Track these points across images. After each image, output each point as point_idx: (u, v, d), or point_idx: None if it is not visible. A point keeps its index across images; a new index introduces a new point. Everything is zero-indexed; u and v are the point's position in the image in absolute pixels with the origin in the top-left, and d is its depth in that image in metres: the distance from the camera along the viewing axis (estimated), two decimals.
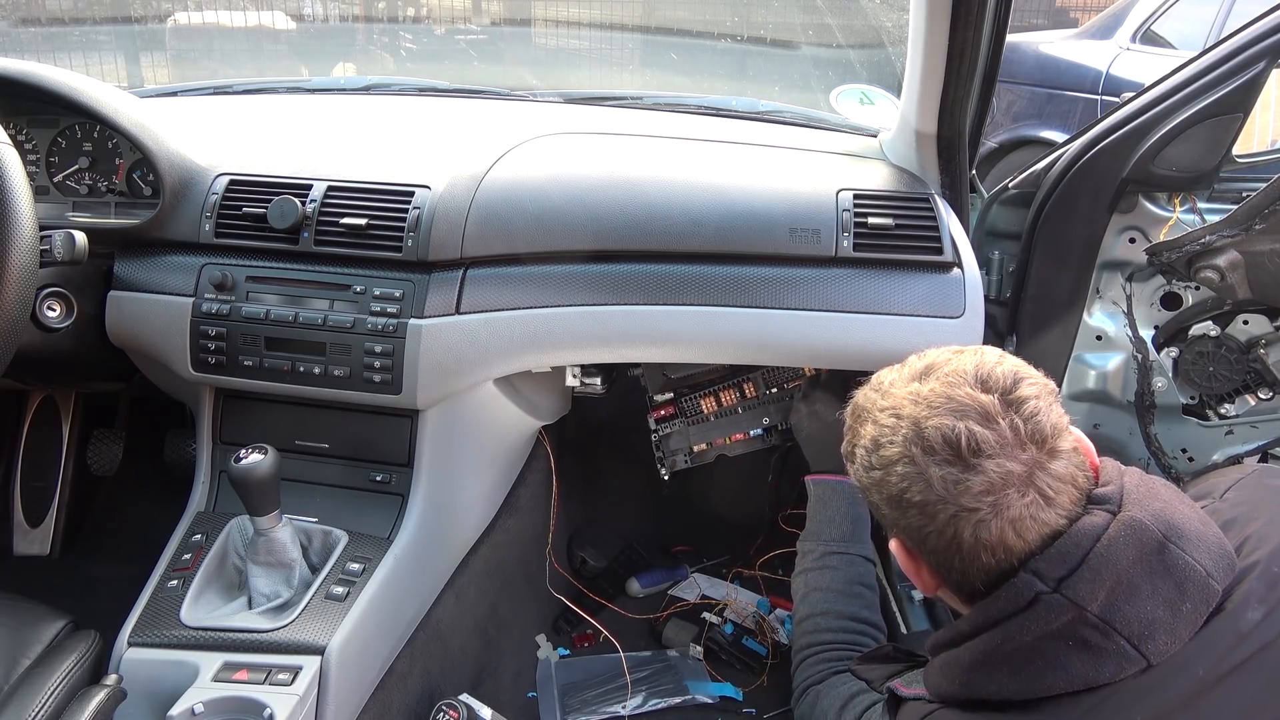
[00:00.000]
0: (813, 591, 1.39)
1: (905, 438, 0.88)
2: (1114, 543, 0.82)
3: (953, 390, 0.88)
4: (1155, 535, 0.82)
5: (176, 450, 1.97)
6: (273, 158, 1.54)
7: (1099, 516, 0.84)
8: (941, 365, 0.92)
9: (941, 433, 0.85)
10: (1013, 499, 0.83)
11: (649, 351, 1.46)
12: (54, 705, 1.09)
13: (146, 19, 4.19)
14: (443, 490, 1.52)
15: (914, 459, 0.87)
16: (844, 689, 1.19)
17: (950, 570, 0.89)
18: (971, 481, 0.84)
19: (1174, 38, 4.19)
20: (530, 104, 1.93)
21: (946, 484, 0.85)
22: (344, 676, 1.26)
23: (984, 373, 0.89)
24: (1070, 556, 0.82)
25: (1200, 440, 1.72)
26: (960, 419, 0.85)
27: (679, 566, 2.07)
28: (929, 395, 0.89)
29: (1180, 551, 0.82)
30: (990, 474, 0.83)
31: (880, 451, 0.91)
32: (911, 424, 0.88)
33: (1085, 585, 0.81)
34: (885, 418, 0.92)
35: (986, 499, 0.83)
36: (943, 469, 0.85)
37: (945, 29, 1.23)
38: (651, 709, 1.68)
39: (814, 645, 1.34)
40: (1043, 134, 4.27)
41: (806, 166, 1.57)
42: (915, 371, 0.94)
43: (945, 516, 0.85)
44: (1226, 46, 1.51)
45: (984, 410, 0.86)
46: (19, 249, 1.12)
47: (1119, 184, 1.61)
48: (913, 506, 0.87)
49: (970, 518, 0.84)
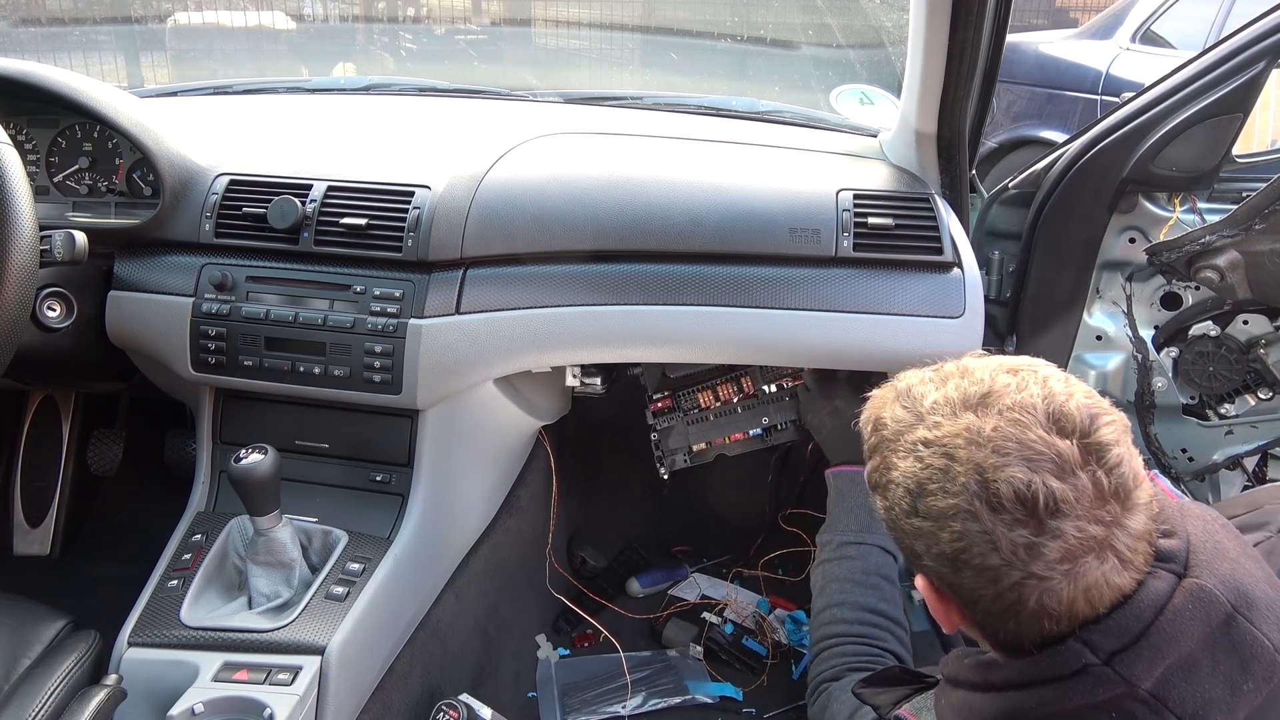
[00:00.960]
0: (830, 583, 1.36)
1: (965, 488, 0.75)
2: (1179, 616, 0.72)
3: (1024, 433, 0.74)
4: (1224, 607, 0.73)
5: (176, 450, 1.96)
6: (273, 158, 1.54)
7: (1163, 580, 0.74)
8: (1001, 394, 0.78)
9: (1014, 487, 0.72)
10: (1090, 565, 0.73)
11: (649, 351, 1.46)
12: (54, 705, 1.09)
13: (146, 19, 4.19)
14: (443, 490, 1.52)
15: (977, 515, 0.74)
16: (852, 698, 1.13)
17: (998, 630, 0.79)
18: (1047, 548, 0.72)
19: (1174, 38, 4.19)
20: (530, 104, 1.93)
21: (1017, 549, 0.73)
22: (344, 676, 1.26)
23: (1056, 408, 0.76)
24: (1128, 630, 0.73)
25: (1200, 440, 1.72)
26: (1035, 471, 0.73)
27: (679, 566, 2.07)
28: (993, 436, 0.75)
29: (1249, 625, 0.73)
30: (1069, 540, 0.72)
31: (929, 500, 0.77)
32: (974, 473, 0.75)
33: (1142, 663, 0.72)
34: (933, 457, 0.78)
35: (1061, 567, 0.72)
36: (1013, 531, 0.73)
37: (945, 29, 1.23)
38: (651, 709, 1.68)
39: (830, 638, 1.30)
40: (1043, 134, 4.27)
41: (806, 166, 1.57)
42: (968, 398, 0.79)
43: (1009, 583, 0.74)
44: (1226, 46, 1.51)
45: (1062, 459, 0.73)
46: (19, 249, 1.12)
47: (1119, 184, 1.61)
48: (970, 569, 0.75)
49: (1038, 585, 0.73)
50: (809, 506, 2.04)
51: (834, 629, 1.31)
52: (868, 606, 1.32)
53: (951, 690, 0.88)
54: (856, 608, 1.31)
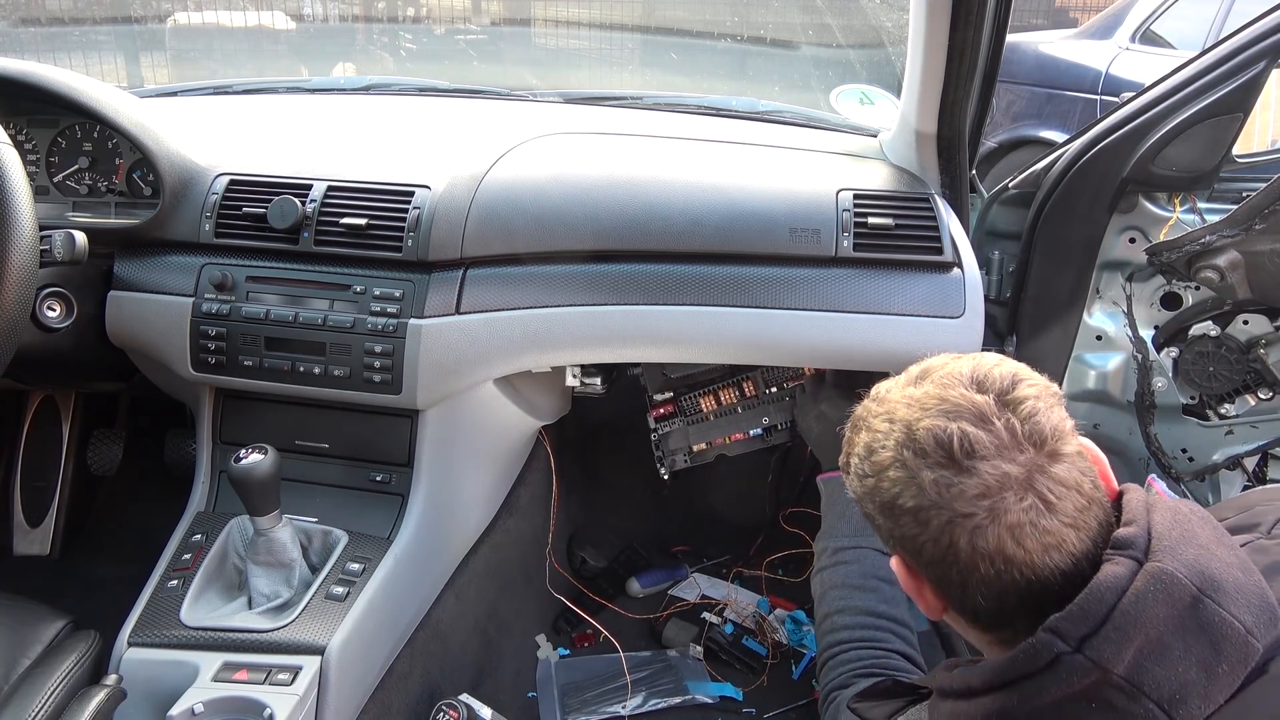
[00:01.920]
0: (829, 590, 1.36)
1: (897, 441, 0.84)
2: (1141, 598, 0.74)
3: (946, 391, 0.84)
4: (1188, 590, 0.75)
5: (176, 450, 1.97)
6: (273, 158, 1.54)
7: (1121, 565, 0.77)
8: (938, 369, 0.88)
9: (933, 434, 0.81)
10: (1010, 503, 0.78)
11: (649, 351, 1.46)
12: (54, 705, 1.09)
13: (146, 19, 4.19)
14: (443, 490, 1.52)
15: (905, 463, 0.83)
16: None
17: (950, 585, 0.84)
18: (965, 485, 0.79)
19: (1174, 38, 4.19)
20: (530, 104, 1.93)
21: (939, 487, 0.80)
22: (344, 676, 1.26)
23: (980, 374, 0.85)
24: (1092, 613, 0.75)
25: (1200, 440, 1.72)
26: (953, 420, 0.81)
27: (679, 566, 2.07)
28: (922, 397, 0.85)
29: (1217, 607, 0.74)
30: (985, 476, 0.79)
31: (872, 457, 0.87)
32: (904, 427, 0.84)
33: (1110, 646, 0.74)
34: (879, 423, 0.88)
35: (982, 503, 0.78)
36: (935, 472, 0.81)
37: (945, 29, 1.23)
38: (651, 709, 1.68)
39: (834, 645, 1.31)
40: (1043, 134, 4.27)
41: (806, 166, 1.57)
42: (911, 376, 0.91)
43: (939, 523, 0.80)
44: (1226, 46, 1.51)
45: (978, 411, 0.81)
46: (19, 249, 1.12)
47: (1119, 184, 1.61)
48: (905, 513, 0.83)
49: (965, 524, 0.79)
50: (809, 506, 2.04)
51: (837, 636, 1.32)
52: (867, 610, 1.32)
53: (942, 702, 0.89)
54: (856, 612, 1.32)
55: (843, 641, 1.30)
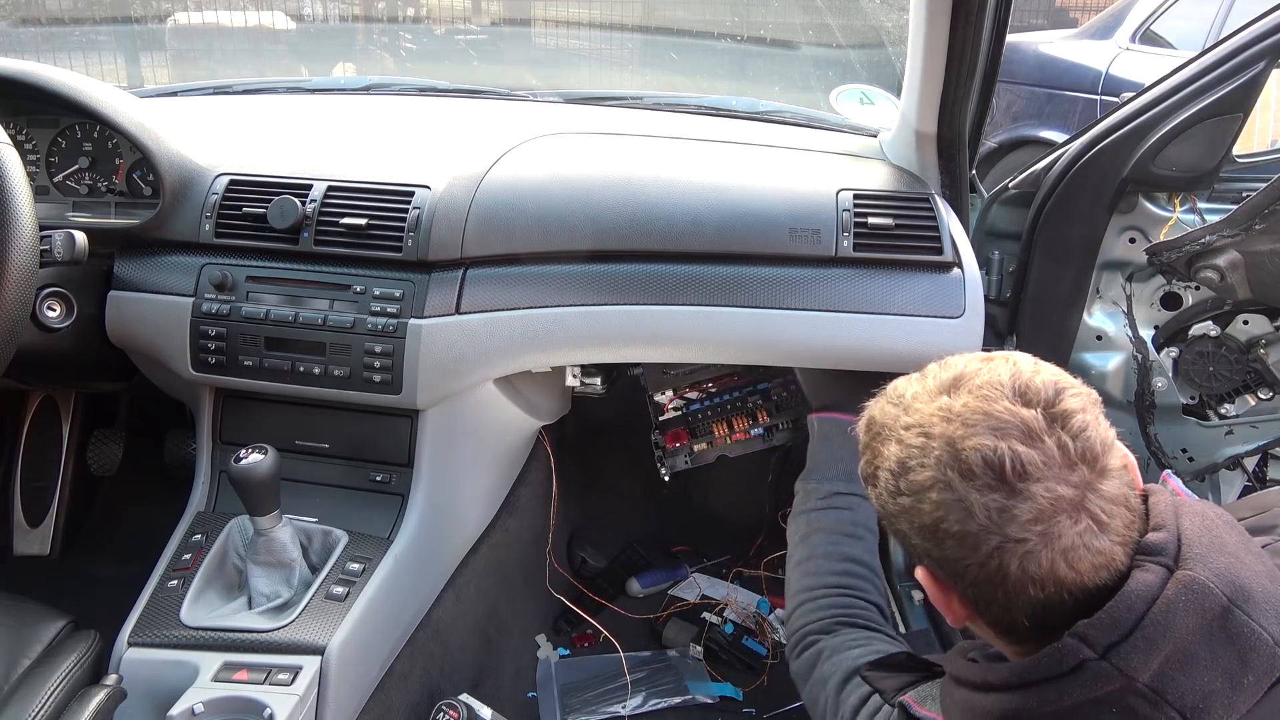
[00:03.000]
0: (815, 532, 1.31)
1: (939, 460, 0.79)
2: (1172, 608, 0.73)
3: (989, 405, 0.78)
4: (1219, 600, 0.73)
5: (176, 450, 1.97)
6: (273, 158, 1.54)
7: (1152, 573, 0.75)
8: (972, 375, 0.83)
9: (982, 454, 0.76)
10: (1064, 527, 0.74)
11: (649, 351, 1.46)
12: (54, 705, 1.09)
13: (146, 19, 4.18)
14: (443, 490, 1.52)
15: (950, 484, 0.77)
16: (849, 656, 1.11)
17: (990, 605, 0.80)
18: (1019, 509, 0.74)
19: (1174, 38, 4.19)
20: (530, 104, 1.93)
21: (990, 512, 0.75)
22: (344, 676, 1.26)
23: (1021, 383, 0.80)
24: (1122, 622, 0.73)
25: (1200, 440, 1.72)
26: (1001, 438, 0.76)
27: (679, 566, 2.07)
28: (963, 411, 0.79)
29: (1246, 618, 0.73)
30: (1039, 500, 0.74)
31: (909, 476, 0.81)
32: (945, 444, 0.79)
33: (1137, 655, 0.72)
34: (912, 437, 0.82)
35: (1035, 528, 0.74)
36: (985, 495, 0.76)
37: (945, 29, 1.23)
38: (651, 709, 1.68)
39: (815, 589, 1.26)
40: (1043, 134, 4.27)
41: (806, 166, 1.57)
42: (942, 383, 0.84)
43: (988, 549, 0.76)
44: (1226, 46, 1.51)
45: (1027, 427, 0.77)
46: (19, 249, 1.12)
47: (1119, 184, 1.61)
48: (950, 537, 0.78)
49: (1017, 549, 0.75)
50: None
51: (821, 580, 1.26)
52: (853, 557, 1.28)
53: (955, 688, 0.88)
54: (843, 559, 1.27)
55: (826, 586, 1.26)
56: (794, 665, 1.21)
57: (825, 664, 1.13)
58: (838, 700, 1.06)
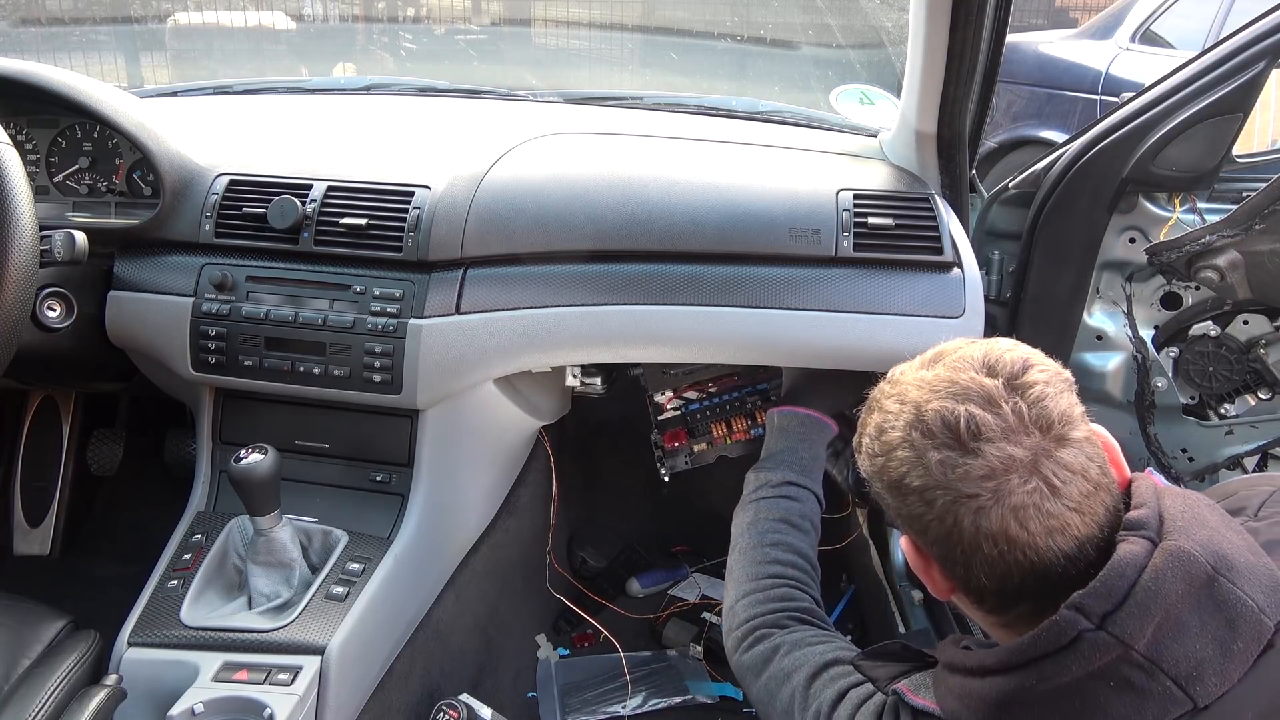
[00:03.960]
0: (763, 519, 1.31)
1: (906, 422, 0.86)
2: (1160, 575, 0.76)
3: (957, 374, 0.85)
4: (1204, 568, 0.76)
5: (176, 450, 1.97)
6: (273, 158, 1.54)
7: (1137, 545, 0.78)
8: (950, 352, 0.90)
9: (941, 415, 0.83)
10: (1014, 485, 0.79)
11: (649, 351, 1.46)
12: (54, 705, 1.09)
13: (146, 19, 4.18)
14: (443, 490, 1.52)
15: (913, 443, 0.84)
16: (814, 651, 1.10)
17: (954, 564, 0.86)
18: (970, 465, 0.81)
19: (1173, 38, 4.19)
20: (530, 104, 1.93)
21: (944, 468, 0.82)
22: (344, 676, 1.26)
23: (992, 359, 0.86)
24: (1115, 590, 0.76)
25: (1200, 440, 1.72)
26: (961, 402, 0.83)
27: (679, 566, 2.08)
28: (933, 380, 0.87)
29: (1231, 585, 0.76)
30: (990, 459, 0.80)
31: (882, 437, 0.88)
32: (914, 408, 0.86)
33: (1132, 621, 0.75)
34: (890, 404, 0.89)
35: (986, 484, 0.80)
36: (941, 453, 0.82)
37: (945, 29, 1.23)
38: (651, 709, 1.68)
39: (763, 579, 1.24)
40: (1043, 134, 4.27)
41: (806, 166, 1.57)
42: (925, 360, 0.92)
43: (944, 503, 0.82)
44: (1226, 46, 1.51)
45: (986, 394, 0.83)
46: (19, 249, 1.12)
47: (1119, 184, 1.61)
48: (912, 492, 0.85)
49: (970, 504, 0.81)
50: None
51: (771, 569, 1.26)
52: (799, 550, 1.29)
53: (949, 676, 0.89)
54: (792, 550, 1.28)
55: (775, 576, 1.25)
56: (742, 658, 1.19)
57: (785, 659, 1.12)
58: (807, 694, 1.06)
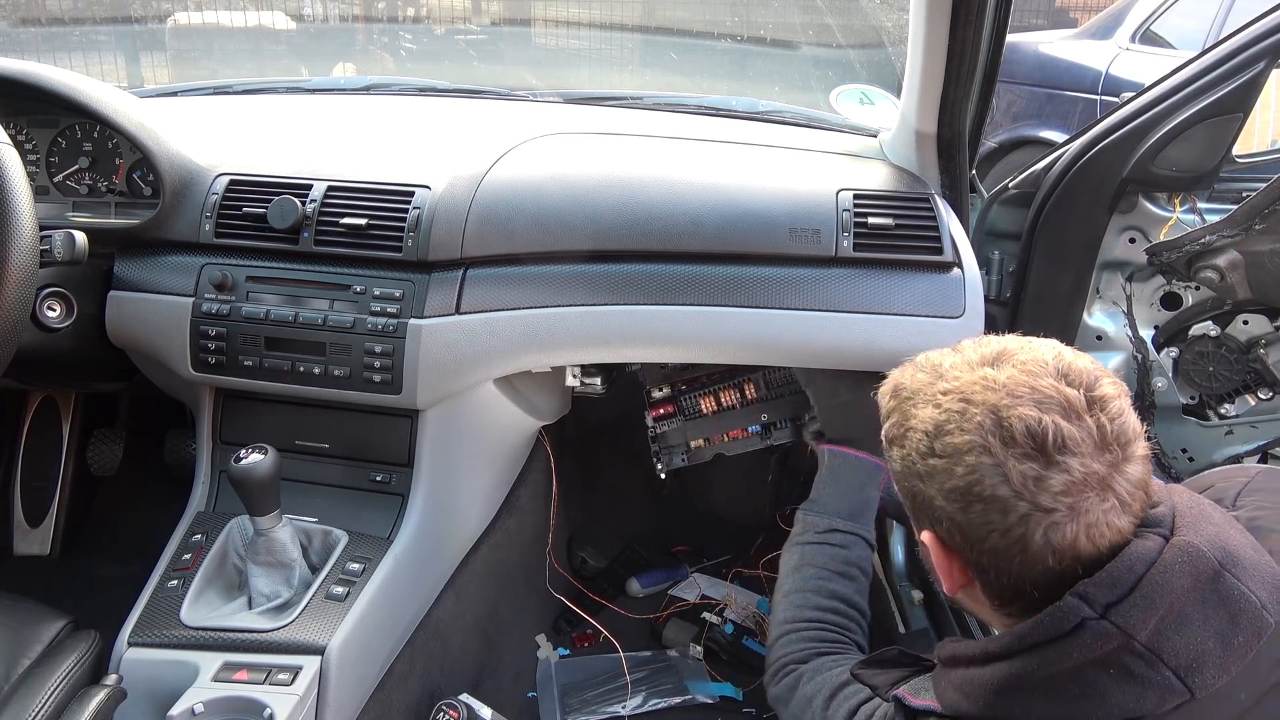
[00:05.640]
0: (807, 565, 1.32)
1: (980, 425, 0.81)
2: (1168, 569, 0.77)
3: (1035, 380, 0.82)
4: (1211, 563, 0.78)
5: (176, 450, 1.97)
6: (273, 158, 1.54)
7: (1152, 540, 0.80)
8: (1015, 351, 0.87)
9: (1026, 423, 0.79)
10: (1092, 502, 0.78)
11: (649, 351, 1.46)
12: (54, 705, 1.09)
13: (146, 19, 4.18)
14: (443, 490, 1.52)
15: (990, 449, 0.80)
16: (831, 675, 1.12)
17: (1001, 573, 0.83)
18: (1053, 480, 0.78)
19: (1174, 38, 4.19)
20: (530, 104, 1.93)
21: (1026, 480, 0.78)
22: (344, 676, 1.26)
23: (1065, 365, 0.84)
24: (1121, 581, 0.77)
25: (1200, 440, 1.72)
26: (1046, 411, 0.80)
27: (679, 566, 2.07)
28: (1008, 383, 0.82)
29: (1235, 581, 0.78)
30: (1074, 473, 0.78)
31: (945, 438, 0.83)
32: (989, 411, 0.81)
33: (1136, 613, 0.76)
34: (951, 401, 0.85)
35: (1065, 500, 0.78)
36: (1022, 463, 0.79)
37: (945, 29, 1.23)
38: (651, 709, 1.68)
39: (800, 621, 1.27)
40: (1043, 134, 4.27)
41: (806, 166, 1.57)
42: (985, 356, 0.88)
43: (1016, 515, 0.79)
44: (1226, 46, 1.51)
45: (1070, 404, 0.80)
46: (19, 249, 1.12)
47: (1119, 184, 1.61)
48: (980, 501, 0.81)
49: (1044, 519, 0.78)
50: None
51: (806, 614, 1.27)
52: (843, 597, 1.29)
53: (950, 670, 0.90)
54: (832, 596, 1.28)
55: (812, 620, 1.27)
56: (773, 691, 1.23)
57: (807, 685, 1.15)
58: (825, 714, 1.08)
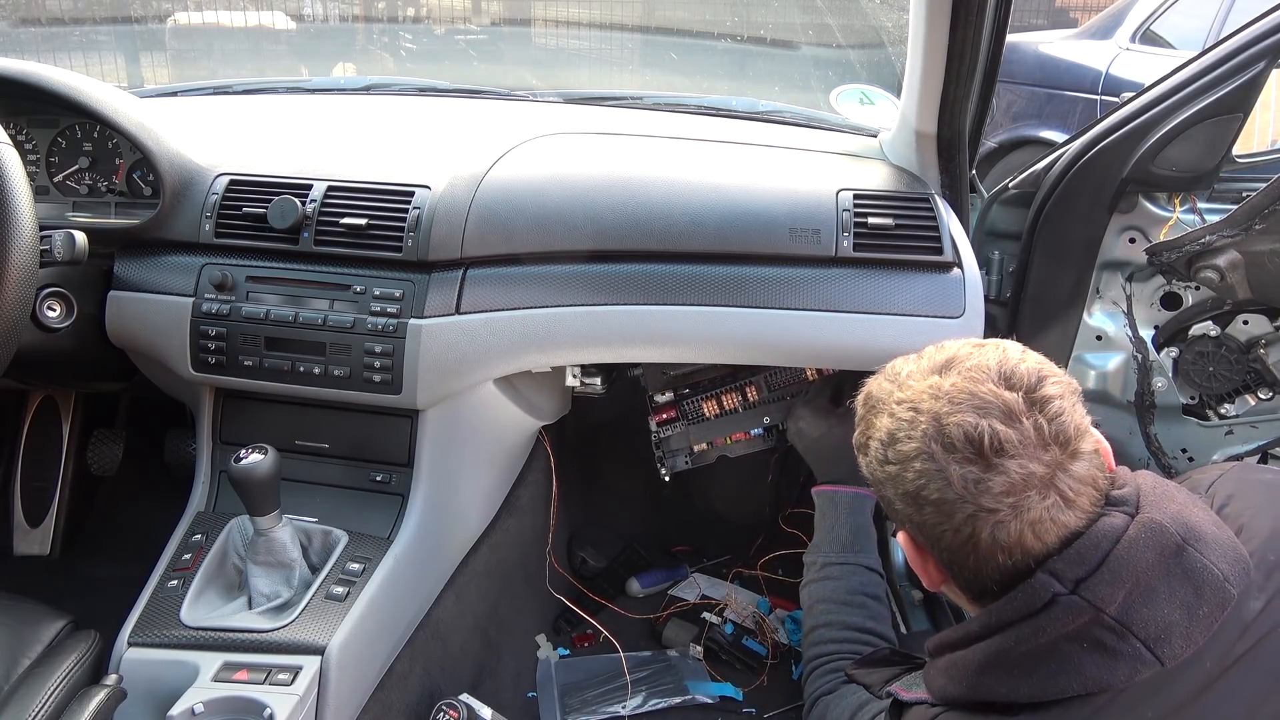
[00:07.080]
0: (816, 603, 1.39)
1: (924, 433, 0.86)
2: (1133, 544, 0.81)
3: (975, 386, 0.86)
4: (1174, 538, 0.81)
5: (176, 450, 1.97)
6: (273, 158, 1.54)
7: (1117, 518, 0.83)
8: (963, 359, 0.90)
9: (964, 430, 0.83)
10: (1033, 501, 0.82)
11: (649, 351, 1.46)
12: (54, 705, 1.09)
13: (146, 19, 4.18)
14: (443, 490, 1.52)
15: (933, 455, 0.85)
16: (852, 699, 1.18)
17: (962, 569, 0.88)
18: (992, 482, 0.82)
19: (1174, 38, 4.19)
20: (530, 104, 1.93)
21: (966, 483, 0.83)
22: (344, 676, 1.26)
23: (1008, 369, 0.87)
24: (1089, 558, 0.81)
25: (1200, 440, 1.72)
26: (983, 416, 0.83)
27: (679, 566, 2.07)
28: (950, 390, 0.86)
29: (1198, 554, 0.81)
30: (1012, 474, 0.82)
31: (897, 446, 0.88)
32: (932, 419, 0.86)
33: (1104, 587, 0.80)
34: (903, 411, 0.89)
35: (1007, 500, 0.82)
36: (963, 468, 0.83)
37: (945, 29, 1.23)
38: (651, 709, 1.68)
39: (820, 657, 1.34)
40: (1043, 134, 4.27)
41: (806, 166, 1.57)
42: (935, 364, 0.92)
43: (963, 516, 0.83)
44: (1226, 46, 1.51)
45: (1007, 408, 0.84)
46: (19, 249, 1.12)
47: (1119, 184, 1.61)
48: (929, 504, 0.85)
49: (989, 518, 0.82)
50: (809, 506, 2.03)
51: (824, 649, 1.34)
52: (854, 625, 1.34)
53: (938, 659, 0.93)
54: (843, 627, 1.35)
55: (830, 654, 1.33)
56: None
57: (833, 711, 1.21)
58: None
